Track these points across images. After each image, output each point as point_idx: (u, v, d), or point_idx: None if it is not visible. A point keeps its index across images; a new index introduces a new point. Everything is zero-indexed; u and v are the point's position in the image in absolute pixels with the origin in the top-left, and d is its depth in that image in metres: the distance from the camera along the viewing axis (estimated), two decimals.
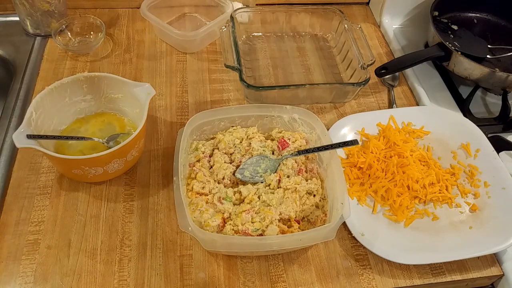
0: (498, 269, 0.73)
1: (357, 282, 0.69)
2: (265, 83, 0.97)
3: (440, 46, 0.95)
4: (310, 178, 0.76)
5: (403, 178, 0.77)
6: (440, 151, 0.85)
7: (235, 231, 0.67)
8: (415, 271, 0.71)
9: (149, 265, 0.68)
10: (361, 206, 0.77)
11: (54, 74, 0.93)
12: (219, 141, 0.78)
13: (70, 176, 0.75)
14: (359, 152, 0.82)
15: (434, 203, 0.78)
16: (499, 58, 1.02)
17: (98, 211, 0.74)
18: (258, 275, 0.69)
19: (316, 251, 0.72)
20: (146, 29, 1.06)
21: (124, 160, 0.72)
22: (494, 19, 1.10)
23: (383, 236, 0.72)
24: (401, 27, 1.13)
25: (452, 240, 0.73)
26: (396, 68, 0.96)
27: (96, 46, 0.99)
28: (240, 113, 0.80)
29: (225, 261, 0.70)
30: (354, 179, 0.79)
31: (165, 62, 0.99)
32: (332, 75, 1.01)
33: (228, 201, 0.71)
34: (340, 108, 0.94)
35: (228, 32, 0.95)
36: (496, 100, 1.00)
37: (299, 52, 1.05)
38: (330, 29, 1.07)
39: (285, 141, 0.78)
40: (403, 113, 0.89)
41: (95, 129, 0.81)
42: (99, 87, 0.80)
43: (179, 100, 0.92)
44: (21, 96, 0.89)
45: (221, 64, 0.97)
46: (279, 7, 1.06)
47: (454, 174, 0.81)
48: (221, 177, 0.74)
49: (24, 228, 0.70)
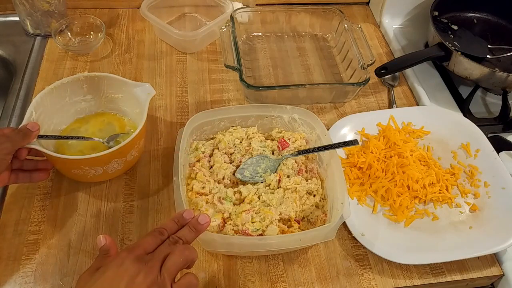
0: (498, 269, 0.73)
1: (357, 282, 0.69)
2: (265, 83, 0.97)
3: (440, 46, 0.95)
4: (310, 178, 0.76)
5: (403, 178, 0.77)
6: (440, 151, 0.85)
7: (235, 231, 0.67)
8: (415, 271, 0.71)
9: None
10: (361, 206, 0.77)
11: (54, 74, 0.93)
12: (219, 141, 0.78)
13: (70, 176, 0.75)
14: (359, 152, 0.82)
15: (434, 203, 0.78)
16: (499, 58, 1.02)
17: (98, 211, 0.74)
18: (258, 275, 0.69)
19: (316, 251, 0.72)
20: (146, 29, 1.06)
21: (124, 160, 0.72)
22: (494, 19, 1.10)
23: (383, 236, 0.72)
24: (401, 27, 1.13)
25: (452, 240, 0.73)
26: (396, 68, 0.96)
27: (96, 46, 0.99)
28: (240, 113, 0.80)
29: (225, 261, 0.70)
30: (354, 179, 0.79)
31: (165, 62, 0.99)
32: (332, 75, 1.01)
33: (228, 201, 0.71)
34: (340, 108, 0.94)
35: (228, 32, 0.95)
36: (496, 100, 1.00)
37: (299, 52, 1.05)
38: (330, 29, 1.07)
39: (285, 141, 0.78)
40: (403, 113, 0.89)
41: (95, 129, 0.81)
42: (99, 87, 0.80)
43: (179, 100, 0.92)
44: (21, 96, 0.89)
45: (221, 64, 0.97)
46: (279, 7, 1.06)
47: (454, 174, 0.81)
48: (221, 177, 0.74)
49: (24, 228, 0.70)
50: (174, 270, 0.51)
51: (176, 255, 0.52)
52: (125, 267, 0.49)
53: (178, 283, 0.51)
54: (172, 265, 0.51)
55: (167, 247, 0.53)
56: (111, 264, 0.50)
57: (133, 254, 0.50)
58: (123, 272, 0.49)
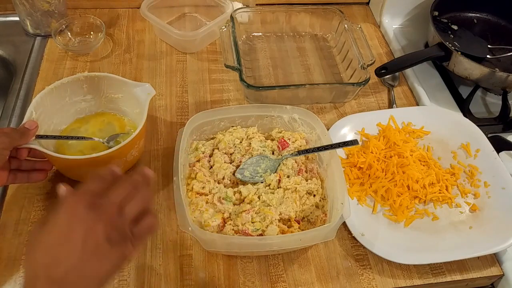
0: (498, 269, 0.73)
1: (357, 282, 0.69)
2: (265, 83, 0.97)
3: (440, 46, 0.95)
4: (310, 178, 0.76)
5: (403, 178, 0.77)
6: (440, 151, 0.85)
7: (235, 231, 0.67)
8: (415, 271, 0.71)
9: (149, 265, 0.68)
10: (361, 206, 0.77)
11: (54, 74, 0.93)
12: (219, 141, 0.78)
13: (70, 176, 0.75)
14: (359, 152, 0.82)
15: (434, 203, 0.78)
16: (499, 58, 1.02)
17: None
18: (258, 275, 0.69)
19: (316, 251, 0.72)
20: (146, 29, 1.06)
21: (124, 160, 0.72)
22: (494, 19, 1.10)
23: (383, 236, 0.72)
24: (401, 27, 1.13)
25: (452, 240, 0.73)
26: (396, 68, 0.96)
27: (96, 46, 0.99)
28: (240, 113, 0.80)
29: (225, 261, 0.70)
30: (354, 179, 0.79)
31: (165, 62, 0.99)
32: (332, 75, 1.01)
33: (228, 201, 0.71)
34: (340, 108, 0.94)
35: (228, 32, 0.95)
36: (496, 100, 1.00)
37: (299, 52, 1.05)
38: (330, 29, 1.07)
39: (285, 141, 0.78)
40: (403, 113, 0.89)
41: (95, 129, 0.81)
42: (99, 87, 0.79)
43: (179, 100, 0.92)
44: (21, 96, 0.89)
45: (221, 64, 0.97)
46: (279, 7, 1.06)
47: (454, 174, 0.81)
48: (221, 177, 0.74)
49: (24, 228, 0.70)
50: (132, 214, 0.47)
51: (130, 196, 0.48)
52: (80, 216, 0.45)
53: (139, 227, 0.48)
54: (129, 209, 0.47)
55: (118, 188, 0.48)
56: (62, 214, 0.45)
57: (85, 200, 0.46)
58: (78, 221, 0.44)
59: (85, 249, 0.43)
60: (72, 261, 0.43)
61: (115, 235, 0.45)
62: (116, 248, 0.45)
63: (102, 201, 0.46)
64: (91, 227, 0.44)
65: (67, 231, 0.44)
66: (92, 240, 0.44)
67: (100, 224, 0.45)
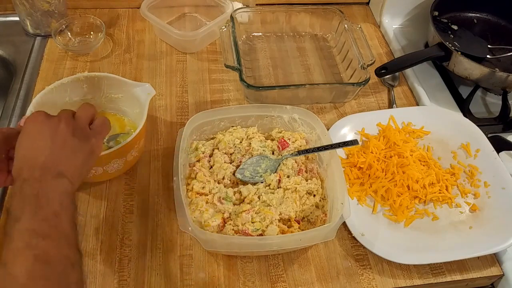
0: (498, 269, 0.73)
1: (357, 282, 0.69)
2: (265, 83, 0.97)
3: (440, 46, 0.95)
4: (310, 178, 0.76)
5: (403, 178, 0.77)
6: (440, 151, 0.85)
7: (235, 231, 0.67)
8: (415, 271, 0.71)
9: (149, 265, 0.68)
10: (361, 206, 0.77)
11: (54, 74, 0.93)
12: (219, 141, 0.78)
13: None
14: (359, 152, 0.82)
15: (434, 203, 0.78)
16: (499, 58, 1.02)
17: (98, 211, 0.74)
18: (258, 275, 0.69)
19: (316, 251, 0.72)
20: (146, 29, 1.06)
21: (124, 160, 0.72)
22: (494, 19, 1.10)
23: (383, 236, 0.72)
24: (401, 27, 1.13)
25: (452, 240, 0.73)
26: (396, 68, 0.96)
27: (96, 46, 0.99)
28: (240, 113, 0.80)
29: (225, 261, 0.70)
30: (354, 179, 0.79)
31: (165, 62, 0.99)
32: (332, 75, 1.01)
33: (228, 201, 0.71)
34: (340, 108, 0.94)
35: (228, 32, 0.95)
36: (496, 100, 1.00)
37: (299, 52, 1.05)
38: (330, 29, 1.07)
39: (285, 141, 0.78)
40: (403, 113, 0.89)
41: None
42: (99, 87, 0.79)
43: (179, 100, 0.92)
44: (21, 96, 0.89)
45: (221, 64, 0.97)
46: (279, 7, 1.06)
47: (454, 174, 0.81)
48: (221, 177, 0.74)
49: None
50: (85, 118, 0.58)
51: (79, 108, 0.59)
52: (43, 122, 0.54)
53: (94, 125, 0.59)
54: (79, 113, 0.58)
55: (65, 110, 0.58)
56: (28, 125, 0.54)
57: (43, 113, 0.55)
58: (42, 125, 0.53)
59: (55, 143, 0.53)
60: (46, 153, 0.52)
61: (78, 132, 0.55)
62: (84, 143, 0.55)
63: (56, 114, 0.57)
64: (55, 127, 0.54)
65: (36, 133, 0.53)
66: (60, 137, 0.53)
67: (61, 124, 0.54)
